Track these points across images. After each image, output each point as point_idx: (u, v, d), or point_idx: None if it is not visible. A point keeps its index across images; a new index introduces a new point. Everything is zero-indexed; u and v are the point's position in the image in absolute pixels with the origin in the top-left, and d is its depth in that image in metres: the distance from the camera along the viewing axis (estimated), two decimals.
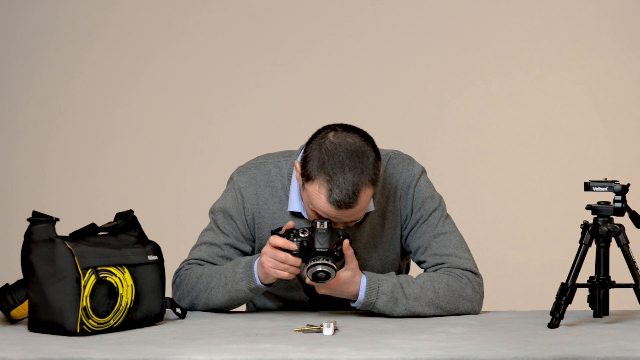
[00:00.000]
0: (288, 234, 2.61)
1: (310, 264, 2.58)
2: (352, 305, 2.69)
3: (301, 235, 2.60)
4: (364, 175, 2.58)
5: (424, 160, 2.88)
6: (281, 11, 4.97)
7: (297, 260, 2.60)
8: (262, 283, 2.67)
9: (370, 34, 4.96)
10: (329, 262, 2.57)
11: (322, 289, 2.64)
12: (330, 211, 2.59)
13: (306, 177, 2.60)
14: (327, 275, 2.58)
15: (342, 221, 2.64)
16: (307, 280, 2.61)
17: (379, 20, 4.96)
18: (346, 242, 2.60)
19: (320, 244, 2.59)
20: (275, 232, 2.64)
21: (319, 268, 2.57)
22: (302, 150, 2.67)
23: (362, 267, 2.76)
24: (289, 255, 2.59)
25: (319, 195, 2.58)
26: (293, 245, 2.59)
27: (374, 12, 4.96)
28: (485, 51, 4.94)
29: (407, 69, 4.96)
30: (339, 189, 2.56)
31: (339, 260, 2.61)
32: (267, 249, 2.62)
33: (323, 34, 4.97)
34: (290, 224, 2.63)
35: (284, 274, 2.61)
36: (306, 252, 2.59)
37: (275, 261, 2.60)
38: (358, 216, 2.66)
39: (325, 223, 2.60)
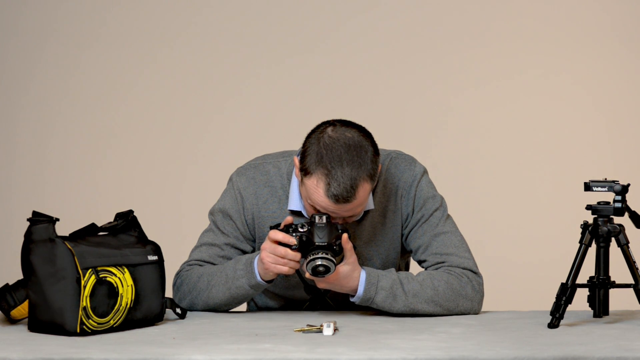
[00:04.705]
0: (287, 229, 2.62)
1: (309, 258, 2.58)
2: (351, 300, 2.69)
3: (300, 230, 2.60)
4: (362, 170, 2.58)
5: (425, 160, 2.88)
6: (281, 11, 4.97)
7: (297, 255, 2.60)
8: (262, 279, 2.68)
9: (371, 34, 4.96)
10: (329, 256, 2.57)
11: (321, 283, 2.65)
12: (328, 205, 2.59)
13: (304, 171, 2.61)
14: (327, 270, 2.58)
15: (340, 216, 2.64)
16: (307, 275, 2.61)
17: (380, 21, 4.96)
18: (345, 236, 2.60)
19: (320, 238, 2.59)
20: (274, 227, 2.64)
21: (319, 262, 2.57)
22: (301, 146, 2.67)
23: (363, 265, 2.76)
24: (288, 250, 2.60)
25: (317, 189, 2.58)
26: (292, 240, 2.60)
27: (375, 13, 4.96)
28: (485, 52, 4.94)
29: (407, 70, 4.96)
30: (337, 182, 2.56)
31: (338, 255, 2.61)
32: (266, 244, 2.62)
33: (324, 34, 4.97)
34: (288, 218, 2.63)
35: (284, 269, 2.62)
36: (305, 247, 2.60)
37: (275, 256, 2.61)
38: (357, 211, 2.66)
39: (324, 217, 2.60)
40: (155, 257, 2.55)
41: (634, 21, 4.92)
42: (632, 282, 2.56)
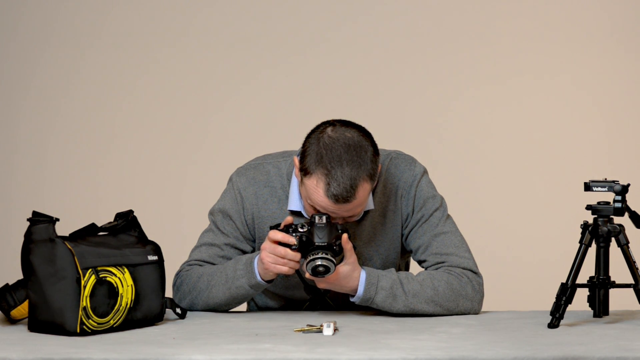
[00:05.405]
0: (287, 229, 2.62)
1: (309, 258, 2.58)
2: (351, 300, 2.69)
3: (300, 230, 2.60)
4: (361, 170, 2.58)
5: (425, 160, 2.88)
6: (281, 11, 4.97)
7: (297, 255, 2.60)
8: (262, 279, 2.68)
9: (372, 34, 4.96)
10: (328, 256, 2.57)
11: (321, 283, 2.65)
12: (328, 205, 2.59)
13: (304, 171, 2.61)
14: (327, 270, 2.58)
15: (340, 216, 2.64)
16: (307, 275, 2.61)
17: (381, 21, 4.96)
18: (345, 236, 2.60)
19: (319, 238, 2.59)
20: (274, 227, 2.64)
21: (318, 262, 2.57)
22: (301, 146, 2.67)
23: (363, 265, 2.76)
24: (287, 249, 2.60)
25: (317, 189, 2.58)
26: (292, 239, 2.59)
27: (375, 13, 4.96)
28: (485, 52, 4.94)
29: (407, 70, 4.96)
30: (336, 182, 2.56)
31: (338, 255, 2.61)
32: (266, 244, 2.62)
33: (324, 35, 4.97)
34: (288, 219, 2.63)
35: (284, 269, 2.62)
36: (305, 247, 2.60)
37: (275, 256, 2.61)
38: (356, 211, 2.66)
39: (324, 217, 2.60)
40: (155, 257, 2.55)
41: (634, 21, 4.92)
42: (632, 282, 2.56)
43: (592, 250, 2.58)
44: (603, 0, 4.92)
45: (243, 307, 2.95)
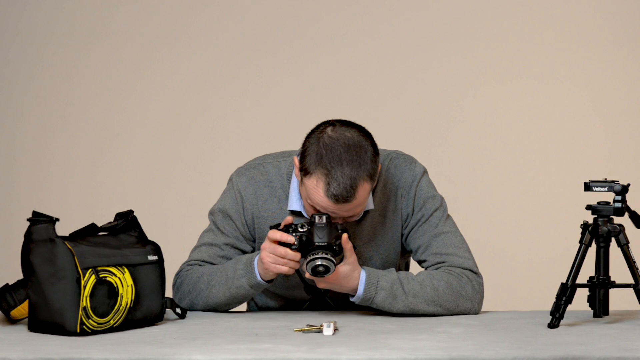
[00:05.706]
0: (287, 229, 2.62)
1: (309, 258, 2.58)
2: (351, 300, 2.69)
3: (300, 230, 2.60)
4: (361, 170, 2.58)
5: (425, 161, 2.88)
6: (282, 11, 4.97)
7: (297, 255, 2.60)
8: (262, 279, 2.68)
9: (372, 34, 4.96)
10: (328, 256, 2.58)
11: (321, 283, 2.65)
12: (328, 205, 2.59)
13: (304, 171, 2.61)
14: (327, 270, 2.58)
15: (340, 216, 2.64)
16: (307, 275, 2.61)
17: (381, 21, 4.96)
18: (345, 236, 2.60)
19: (319, 238, 2.59)
20: (274, 227, 2.64)
21: (318, 262, 2.57)
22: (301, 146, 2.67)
23: (363, 265, 2.76)
24: (287, 249, 2.60)
25: (317, 189, 2.58)
26: (291, 238, 2.59)
27: (375, 13, 4.96)
28: (485, 53, 4.94)
29: (408, 70, 4.96)
30: (336, 182, 2.56)
31: (338, 255, 2.61)
32: (266, 244, 2.62)
33: (324, 35, 4.97)
34: (288, 218, 2.63)
35: (284, 269, 2.62)
36: (305, 247, 2.60)
37: (275, 256, 2.61)
38: (356, 211, 2.66)
39: (324, 217, 2.60)
40: (155, 257, 2.55)
41: (634, 21, 4.92)
42: (632, 282, 2.56)
43: (592, 250, 2.58)
44: (603, 1, 4.92)
45: (243, 307, 2.95)
